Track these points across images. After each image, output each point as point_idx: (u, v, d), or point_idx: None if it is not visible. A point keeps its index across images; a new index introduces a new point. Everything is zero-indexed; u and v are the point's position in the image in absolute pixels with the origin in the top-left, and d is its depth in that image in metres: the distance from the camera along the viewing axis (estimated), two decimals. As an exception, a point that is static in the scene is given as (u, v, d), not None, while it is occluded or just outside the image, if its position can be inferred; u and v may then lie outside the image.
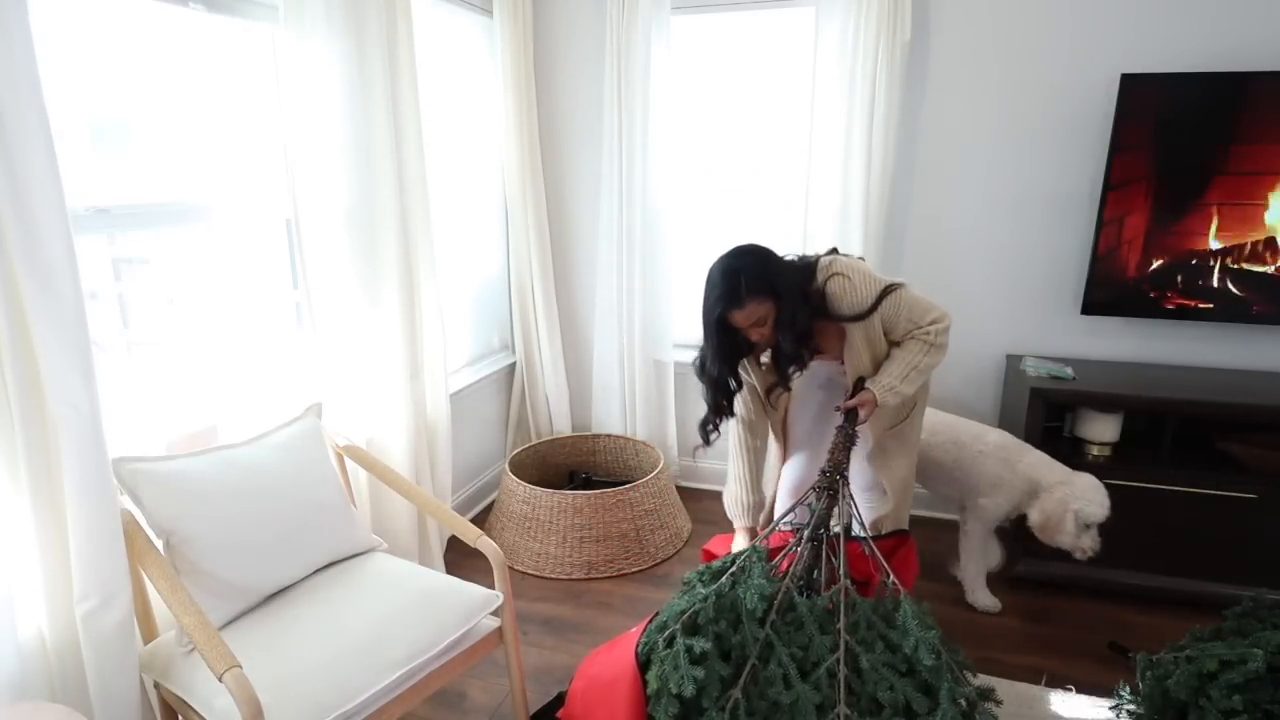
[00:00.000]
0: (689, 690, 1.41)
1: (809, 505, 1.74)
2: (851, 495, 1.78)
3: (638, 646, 1.59)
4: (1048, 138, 2.62)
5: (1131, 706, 1.80)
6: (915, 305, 1.85)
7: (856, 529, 1.76)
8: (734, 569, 1.61)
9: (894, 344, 1.90)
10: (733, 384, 1.95)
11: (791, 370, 1.87)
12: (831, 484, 1.73)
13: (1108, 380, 2.47)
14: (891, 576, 1.59)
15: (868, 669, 1.42)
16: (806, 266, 1.86)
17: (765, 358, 1.98)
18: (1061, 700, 2.00)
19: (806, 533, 1.68)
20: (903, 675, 1.43)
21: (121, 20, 1.71)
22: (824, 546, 1.65)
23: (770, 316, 1.77)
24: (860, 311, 1.83)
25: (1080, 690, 2.04)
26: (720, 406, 1.96)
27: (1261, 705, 1.54)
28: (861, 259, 1.96)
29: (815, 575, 1.63)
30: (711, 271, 1.81)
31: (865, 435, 1.99)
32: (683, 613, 1.55)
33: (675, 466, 3.31)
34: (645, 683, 1.53)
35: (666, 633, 1.53)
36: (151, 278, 1.90)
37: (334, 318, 2.12)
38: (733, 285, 1.74)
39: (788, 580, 1.59)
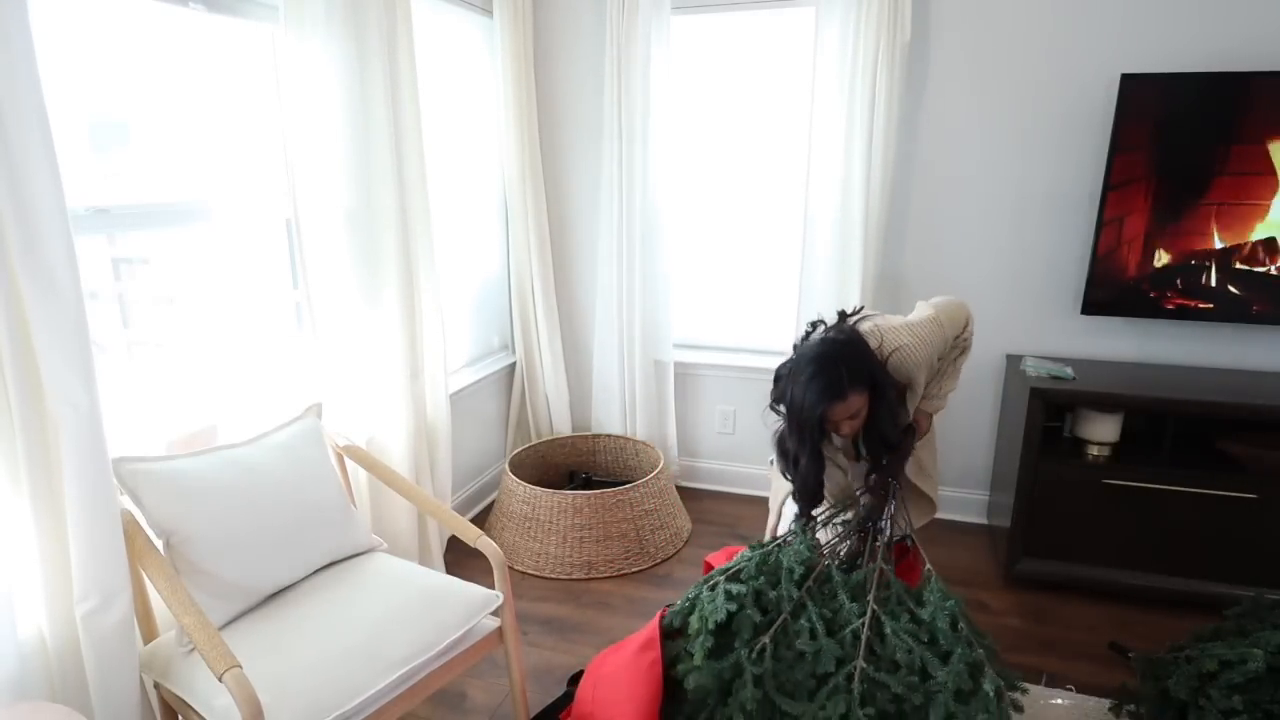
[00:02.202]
0: (722, 615, 1.50)
1: (861, 505, 1.79)
2: (903, 500, 1.80)
3: (663, 620, 1.67)
4: (1048, 138, 2.62)
5: (1131, 706, 1.80)
6: (952, 321, 1.81)
7: (902, 528, 1.81)
8: (780, 541, 1.71)
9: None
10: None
11: (885, 460, 1.81)
12: (886, 485, 1.78)
13: (1108, 380, 2.47)
14: (928, 564, 1.67)
15: (890, 635, 1.48)
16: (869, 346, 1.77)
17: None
18: (1061, 700, 2.00)
19: (854, 523, 1.73)
20: (923, 644, 1.49)
21: (121, 20, 1.71)
22: (870, 539, 1.70)
23: (864, 409, 1.67)
24: (918, 389, 1.82)
25: (1080, 690, 2.04)
26: (817, 497, 1.81)
27: (1261, 705, 1.54)
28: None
29: (858, 563, 1.70)
30: (800, 361, 1.67)
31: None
32: (726, 570, 1.66)
33: (675, 466, 3.31)
34: (664, 653, 1.61)
35: (710, 583, 1.63)
36: (151, 278, 1.90)
37: (334, 318, 2.12)
38: (835, 378, 1.61)
39: (829, 559, 1.67)
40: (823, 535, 1.84)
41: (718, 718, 1.49)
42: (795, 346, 1.79)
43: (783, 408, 1.78)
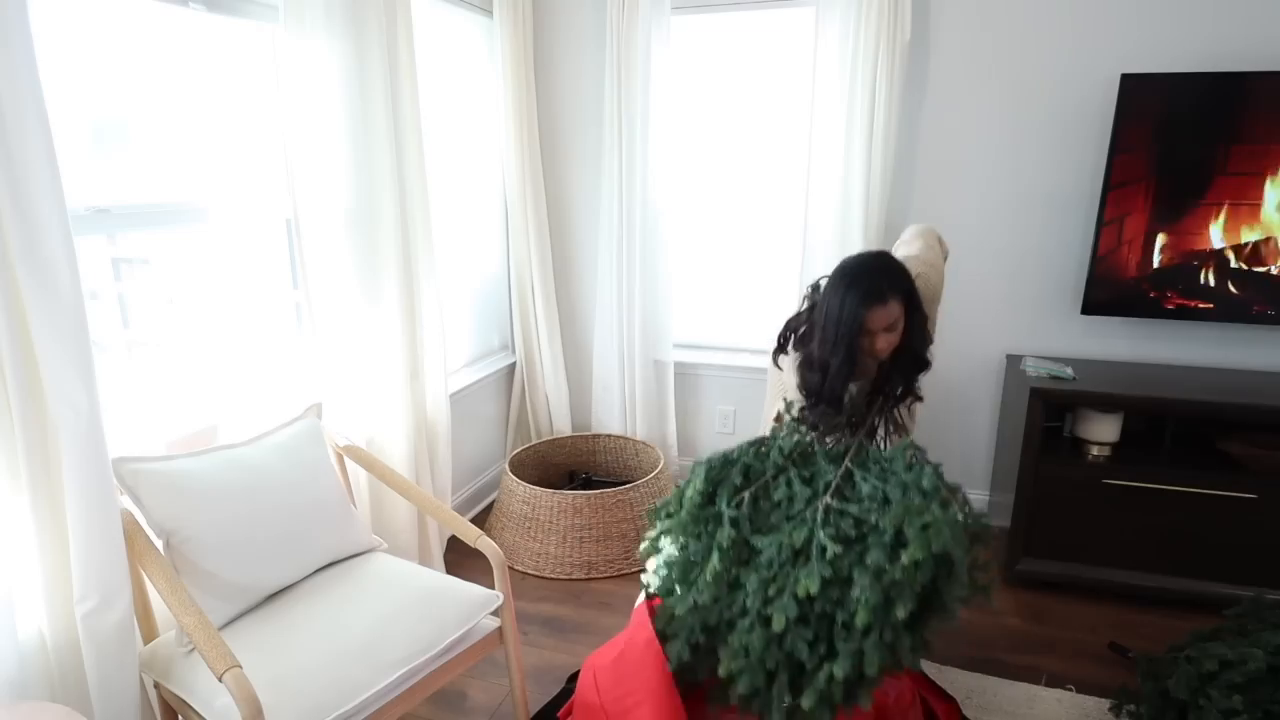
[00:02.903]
0: (707, 467, 1.50)
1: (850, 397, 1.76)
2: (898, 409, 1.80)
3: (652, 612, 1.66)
4: (1048, 138, 2.62)
5: (1131, 706, 1.80)
6: (939, 243, 1.87)
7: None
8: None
9: None
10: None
11: (917, 380, 1.78)
12: (897, 394, 1.77)
13: (1108, 380, 2.47)
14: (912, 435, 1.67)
15: (859, 481, 1.46)
16: None
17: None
18: (1061, 700, 2.00)
19: (844, 419, 1.70)
20: (887, 483, 1.48)
21: (121, 20, 1.71)
22: (861, 434, 1.68)
23: (901, 320, 1.65)
24: (933, 318, 1.83)
25: (1080, 690, 2.04)
26: (837, 404, 1.70)
27: (1261, 705, 1.54)
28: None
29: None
30: (837, 276, 1.67)
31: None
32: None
33: (675, 466, 3.31)
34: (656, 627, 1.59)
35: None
36: (151, 278, 1.90)
37: (334, 318, 2.12)
38: (875, 282, 1.60)
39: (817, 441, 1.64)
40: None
41: (705, 572, 1.44)
42: (805, 297, 1.80)
43: (795, 353, 1.78)
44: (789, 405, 1.67)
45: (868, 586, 1.24)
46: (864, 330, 1.62)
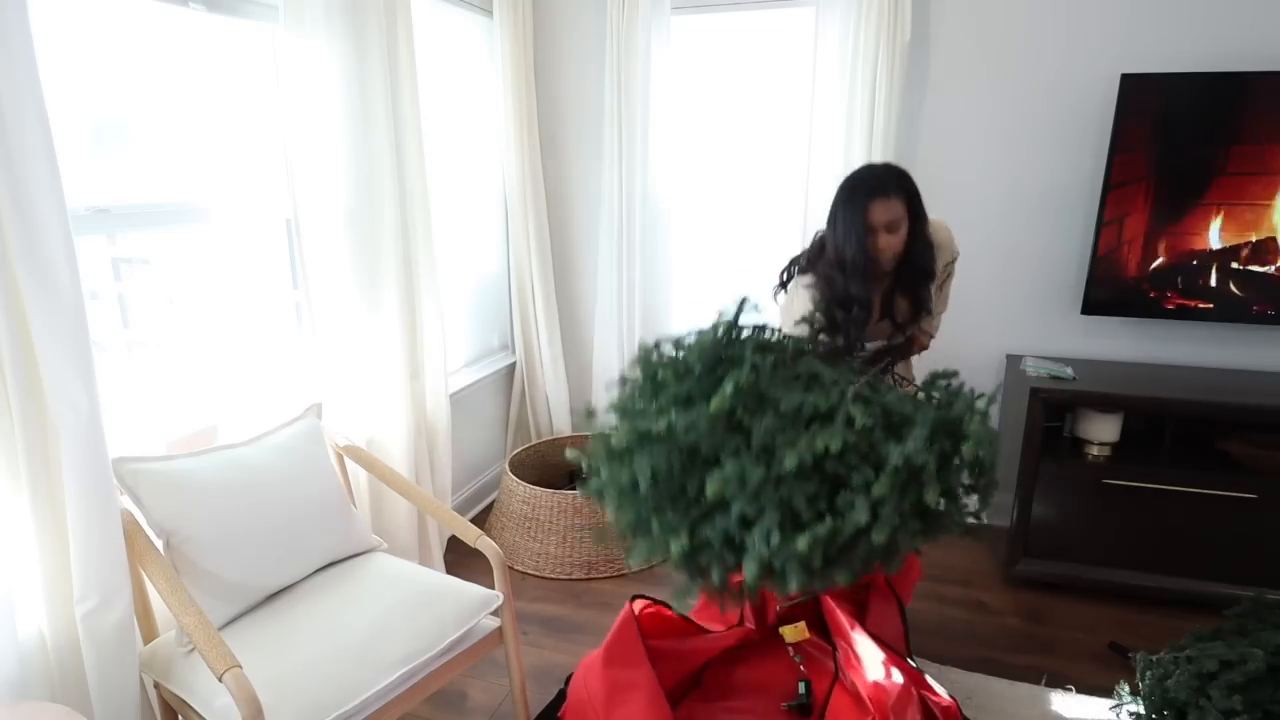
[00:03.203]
0: (726, 320, 1.43)
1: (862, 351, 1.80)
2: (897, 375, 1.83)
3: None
4: (1047, 138, 2.62)
5: (1131, 706, 1.80)
6: (947, 229, 1.90)
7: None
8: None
9: None
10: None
11: (929, 290, 1.80)
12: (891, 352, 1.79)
13: (1108, 380, 2.47)
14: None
15: (885, 392, 1.41)
16: None
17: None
18: (1061, 700, 2.00)
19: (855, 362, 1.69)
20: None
21: (121, 20, 1.71)
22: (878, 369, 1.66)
23: (904, 223, 1.70)
24: (939, 269, 1.85)
25: (1080, 690, 2.04)
26: (863, 301, 1.71)
27: (1261, 705, 1.54)
28: None
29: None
30: (844, 184, 1.73)
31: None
32: None
33: (675, 466, 3.31)
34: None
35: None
36: (151, 278, 1.90)
37: (334, 318, 2.12)
38: (877, 177, 1.68)
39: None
40: None
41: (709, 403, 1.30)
42: (809, 239, 1.86)
43: (801, 277, 1.83)
44: (815, 310, 1.69)
45: (905, 453, 1.19)
46: (868, 227, 1.67)
